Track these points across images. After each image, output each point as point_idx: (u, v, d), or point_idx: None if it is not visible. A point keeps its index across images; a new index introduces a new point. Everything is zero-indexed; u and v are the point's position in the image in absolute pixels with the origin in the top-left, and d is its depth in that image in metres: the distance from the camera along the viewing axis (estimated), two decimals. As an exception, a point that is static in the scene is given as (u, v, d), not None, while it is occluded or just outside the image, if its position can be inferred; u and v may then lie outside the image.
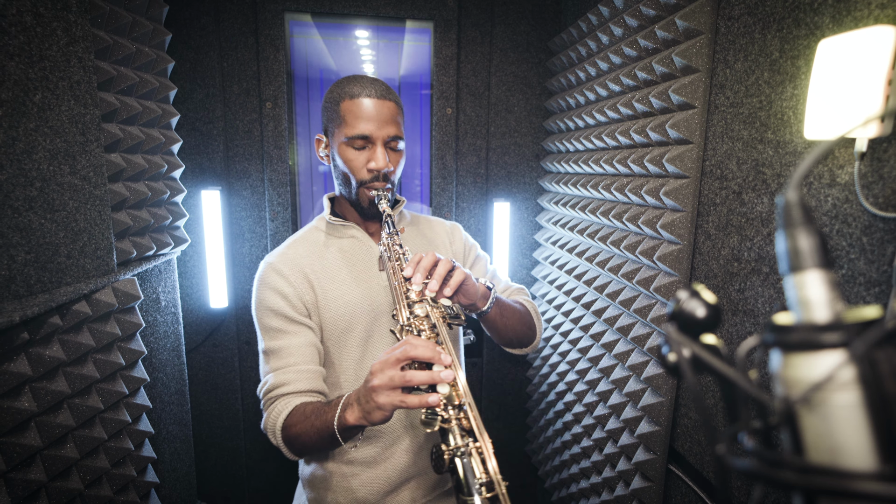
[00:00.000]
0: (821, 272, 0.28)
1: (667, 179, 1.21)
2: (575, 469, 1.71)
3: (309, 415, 0.91)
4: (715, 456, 0.29)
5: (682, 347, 0.31)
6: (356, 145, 1.00)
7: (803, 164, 0.28)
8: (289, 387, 0.97)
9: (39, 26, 1.00)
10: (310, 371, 1.00)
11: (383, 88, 1.02)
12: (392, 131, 1.02)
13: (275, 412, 0.96)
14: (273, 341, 1.01)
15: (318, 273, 1.06)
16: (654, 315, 1.25)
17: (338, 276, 1.07)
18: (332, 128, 1.03)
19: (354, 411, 0.83)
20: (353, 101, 0.99)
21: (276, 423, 0.95)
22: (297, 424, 0.92)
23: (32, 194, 0.99)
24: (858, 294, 0.78)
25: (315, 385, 1.00)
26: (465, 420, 0.76)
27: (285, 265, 1.06)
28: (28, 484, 0.97)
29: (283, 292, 1.03)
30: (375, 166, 1.00)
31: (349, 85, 1.01)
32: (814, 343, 0.26)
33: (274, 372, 0.99)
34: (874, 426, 0.25)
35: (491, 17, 1.99)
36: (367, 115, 0.99)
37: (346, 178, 1.04)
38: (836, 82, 0.72)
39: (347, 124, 0.99)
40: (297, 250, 1.09)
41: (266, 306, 1.03)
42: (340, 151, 1.02)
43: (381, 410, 0.78)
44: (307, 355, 1.01)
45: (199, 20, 1.79)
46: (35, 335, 0.98)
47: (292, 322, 1.02)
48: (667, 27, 1.18)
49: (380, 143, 1.01)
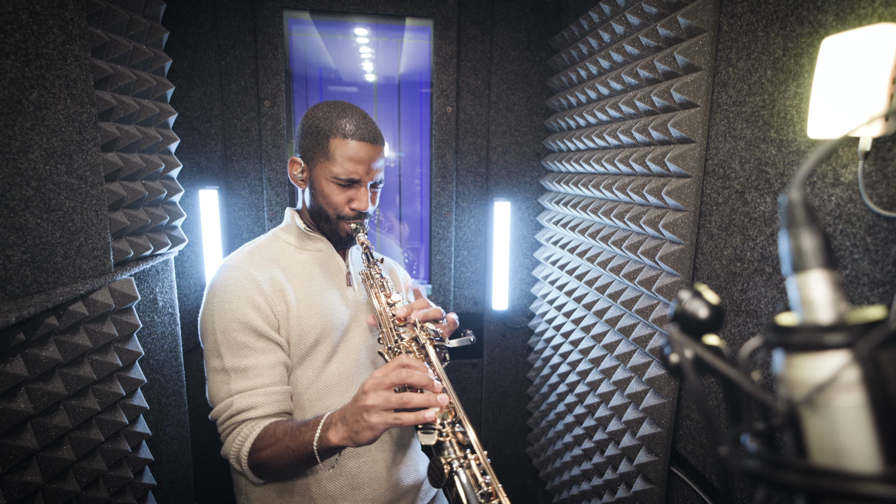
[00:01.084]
0: (824, 272, 0.28)
1: (669, 179, 1.21)
2: (576, 471, 1.70)
3: (281, 437, 0.86)
4: (717, 458, 0.29)
5: (684, 348, 0.31)
6: (342, 184, 0.99)
7: (807, 163, 0.28)
8: (257, 410, 0.90)
9: (35, 24, 0.99)
10: (280, 392, 0.93)
11: (374, 131, 1.00)
12: (377, 176, 1.02)
13: (240, 437, 0.89)
14: (238, 359, 0.92)
15: (291, 281, 1.00)
16: (656, 316, 1.24)
17: (311, 286, 1.02)
18: (317, 159, 0.99)
19: (339, 431, 0.79)
20: (346, 142, 0.97)
21: (242, 448, 0.89)
22: (268, 448, 0.86)
23: (28, 194, 0.99)
24: (862, 294, 0.77)
25: (285, 406, 0.94)
26: (461, 434, 0.76)
27: (256, 270, 0.96)
28: (24, 486, 0.96)
29: (255, 302, 0.93)
30: (359, 207, 1.00)
31: (340, 119, 0.98)
32: (817, 344, 0.26)
33: (239, 394, 0.91)
34: (878, 428, 0.25)
35: (491, 14, 1.98)
36: (357, 159, 0.97)
37: (325, 210, 1.02)
38: (840, 81, 0.72)
39: (336, 163, 0.97)
40: (264, 256, 1.01)
41: (234, 317, 0.92)
42: (323, 185, 1.00)
43: (371, 430, 0.76)
44: (277, 375, 0.94)
45: (196, 18, 1.78)
46: (31, 336, 0.98)
47: (262, 337, 0.93)
48: (669, 25, 1.17)
49: (365, 186, 1.01)
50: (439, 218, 2.07)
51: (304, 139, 1.02)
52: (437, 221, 2.07)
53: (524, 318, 2.22)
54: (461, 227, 2.11)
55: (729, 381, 0.29)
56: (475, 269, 2.16)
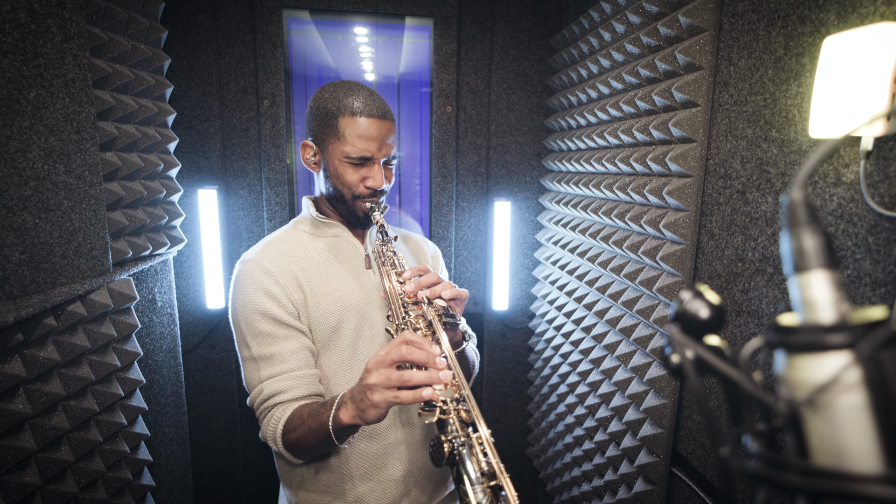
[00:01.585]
0: (826, 272, 0.28)
1: (670, 178, 1.20)
2: (577, 472, 1.70)
3: (306, 418, 0.89)
4: (719, 458, 0.29)
5: (685, 349, 0.31)
6: (354, 163, 1.00)
7: (808, 162, 0.28)
8: (287, 394, 0.95)
9: (34, 23, 0.99)
10: (306, 375, 0.97)
11: (383, 106, 1.01)
12: (390, 151, 1.02)
13: (273, 419, 0.94)
14: (263, 347, 0.96)
15: (306, 270, 1.02)
16: (657, 316, 1.24)
17: (326, 273, 1.04)
18: (328, 140, 1.00)
19: (349, 410, 0.81)
20: (355, 120, 0.97)
21: (276, 430, 0.93)
22: (296, 429, 0.90)
23: (27, 193, 0.98)
24: (864, 295, 0.77)
25: (314, 389, 0.98)
26: (465, 412, 0.75)
27: (270, 262, 1.00)
28: (22, 487, 0.96)
29: (271, 292, 0.97)
30: (374, 185, 1.01)
31: (347, 98, 0.99)
32: (819, 344, 0.26)
33: (268, 380, 0.96)
34: (880, 428, 0.25)
35: (491, 13, 1.97)
36: (368, 136, 0.98)
37: (340, 190, 1.03)
38: (842, 80, 0.72)
39: (347, 143, 0.98)
40: (279, 248, 1.04)
41: (254, 308, 0.96)
42: (336, 166, 1.01)
43: (376, 408, 0.77)
44: (302, 360, 0.97)
45: (195, 17, 1.78)
46: (29, 336, 0.97)
47: (283, 325, 0.97)
48: (670, 24, 1.16)
49: (378, 163, 1.01)
50: (439, 218, 2.06)
51: (314, 121, 1.02)
52: (437, 221, 2.07)
53: (524, 319, 2.21)
54: (461, 227, 2.11)
55: (730, 381, 0.29)
56: (475, 270, 2.15)
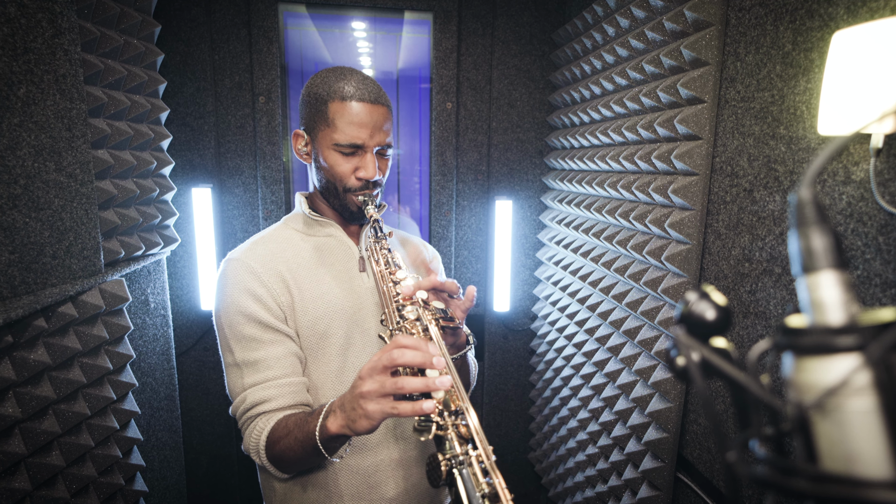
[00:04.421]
0: (835, 273, 0.27)
1: (675, 176, 1.19)
2: (580, 477, 1.68)
3: (292, 427, 0.84)
4: (725, 464, 0.29)
5: (691, 351, 0.31)
6: (345, 151, 0.95)
7: (817, 160, 0.28)
8: (272, 403, 0.90)
9: (23, 17, 0.98)
10: (293, 384, 0.92)
11: (376, 90, 0.97)
12: (384, 139, 0.97)
13: (257, 430, 0.89)
14: (248, 353, 0.91)
15: (294, 271, 0.97)
16: (662, 317, 1.23)
17: (315, 275, 0.99)
18: (318, 128, 0.96)
19: (337, 419, 0.77)
20: (345, 105, 0.93)
21: (260, 441, 0.88)
22: (281, 440, 0.85)
23: (16, 192, 0.97)
24: (874, 296, 0.77)
25: (301, 398, 0.92)
26: (464, 427, 0.72)
27: (256, 261, 0.95)
28: (12, 493, 0.95)
29: (257, 294, 0.92)
30: (365, 175, 0.96)
31: (338, 82, 0.95)
32: (828, 346, 0.26)
33: (252, 388, 0.90)
34: (890, 433, 0.24)
35: (492, 7, 1.95)
36: (359, 122, 0.94)
37: (331, 182, 0.99)
38: (851, 76, 0.71)
39: (337, 129, 0.94)
40: (267, 247, 0.99)
41: (237, 311, 0.92)
42: (326, 155, 0.96)
43: (368, 419, 0.73)
44: (288, 366, 0.92)
45: (189, 11, 1.75)
46: (19, 338, 0.96)
47: (269, 329, 0.92)
48: (675, 18, 1.14)
49: (370, 152, 0.96)
50: (439, 217, 2.04)
51: (305, 108, 0.98)
52: (437, 220, 2.05)
53: (526, 320, 2.20)
54: (461, 227, 2.09)
55: (737, 384, 0.29)
56: (476, 270, 2.13)
